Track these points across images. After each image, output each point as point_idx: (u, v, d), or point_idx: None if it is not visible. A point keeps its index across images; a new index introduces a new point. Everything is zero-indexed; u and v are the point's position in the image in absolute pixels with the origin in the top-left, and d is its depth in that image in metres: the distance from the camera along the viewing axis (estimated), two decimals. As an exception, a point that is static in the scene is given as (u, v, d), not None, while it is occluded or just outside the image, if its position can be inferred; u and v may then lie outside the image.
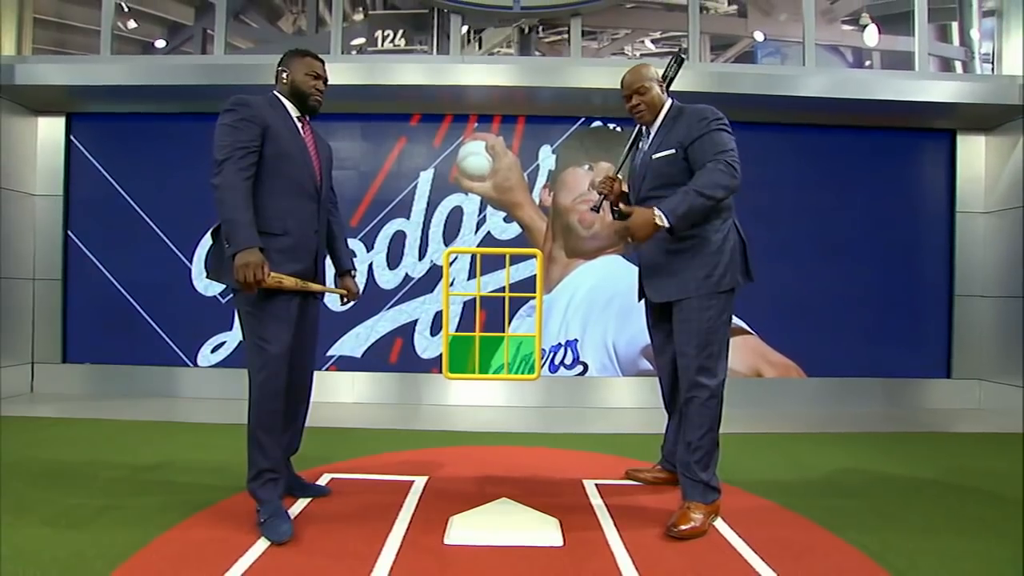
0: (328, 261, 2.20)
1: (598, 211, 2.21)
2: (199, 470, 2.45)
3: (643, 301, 2.25)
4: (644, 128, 2.16)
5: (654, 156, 2.04)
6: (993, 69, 4.12)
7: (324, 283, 2.09)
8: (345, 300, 2.25)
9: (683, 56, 2.12)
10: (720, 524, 1.93)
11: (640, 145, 2.19)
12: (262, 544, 1.72)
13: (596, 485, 2.32)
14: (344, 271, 2.24)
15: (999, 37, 4.06)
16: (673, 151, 1.99)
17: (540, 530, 1.84)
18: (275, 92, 2.02)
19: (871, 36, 4.75)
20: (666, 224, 1.85)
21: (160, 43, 4.80)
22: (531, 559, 1.66)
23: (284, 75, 2.02)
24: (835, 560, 1.69)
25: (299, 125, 2.01)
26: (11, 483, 2.20)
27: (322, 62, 2.06)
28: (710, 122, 1.96)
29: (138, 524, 1.84)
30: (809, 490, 2.31)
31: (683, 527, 1.83)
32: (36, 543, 1.69)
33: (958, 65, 4.40)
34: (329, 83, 2.09)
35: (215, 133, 1.85)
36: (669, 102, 2.11)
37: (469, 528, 1.85)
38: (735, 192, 1.92)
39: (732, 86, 3.74)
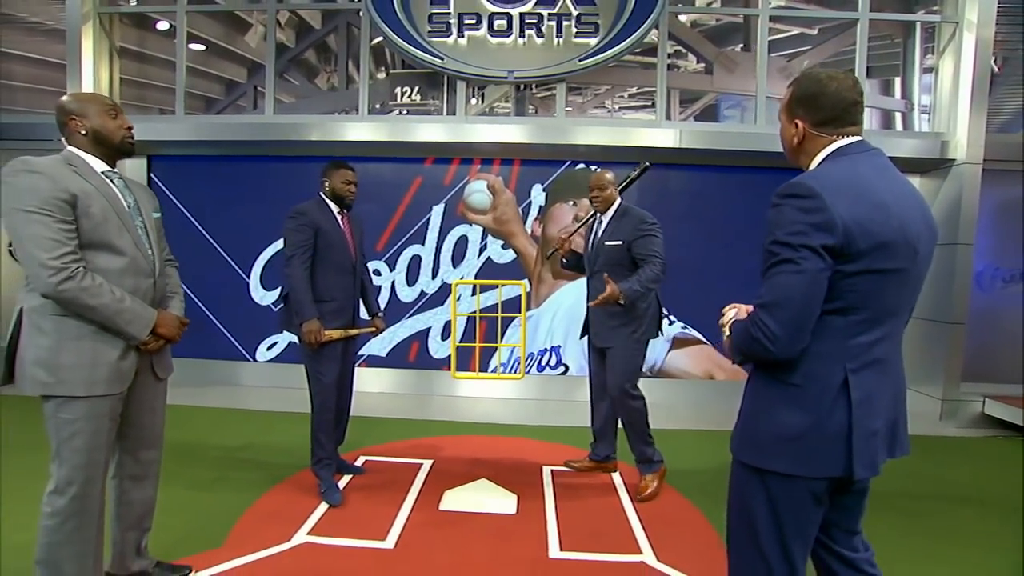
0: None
1: (548, 258, 3.13)
2: (272, 450, 3.44)
3: (585, 340, 3.11)
4: (598, 216, 2.99)
5: (606, 243, 2.86)
6: (931, 120, 4.69)
7: (359, 327, 2.98)
8: (375, 335, 3.16)
9: (648, 166, 2.90)
10: (627, 501, 2.83)
11: (595, 227, 3.00)
12: (323, 507, 2.68)
13: (551, 470, 3.23)
14: (373, 313, 3.14)
15: (935, 92, 4.63)
16: (620, 243, 2.82)
17: (503, 502, 2.78)
18: (321, 194, 2.87)
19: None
20: (622, 302, 2.70)
21: (219, 97, 5.68)
22: (492, 522, 2.60)
23: (326, 183, 2.86)
24: (691, 526, 2.58)
25: (339, 219, 2.87)
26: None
27: (353, 171, 2.90)
28: (648, 227, 2.79)
29: (242, 491, 2.83)
30: (710, 480, 3.17)
31: (646, 493, 2.83)
32: (185, 502, 2.69)
33: (898, 117, 4.98)
34: (360, 140, 2.96)
35: (284, 233, 2.73)
36: (619, 201, 2.92)
37: (456, 500, 2.80)
38: (662, 282, 2.76)
39: (699, 142, 4.45)
